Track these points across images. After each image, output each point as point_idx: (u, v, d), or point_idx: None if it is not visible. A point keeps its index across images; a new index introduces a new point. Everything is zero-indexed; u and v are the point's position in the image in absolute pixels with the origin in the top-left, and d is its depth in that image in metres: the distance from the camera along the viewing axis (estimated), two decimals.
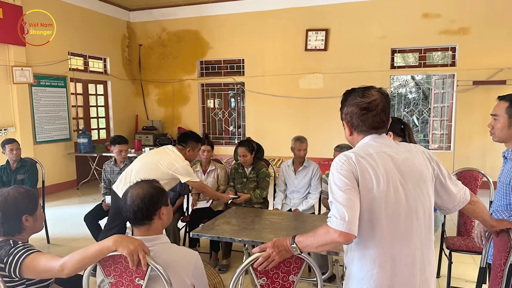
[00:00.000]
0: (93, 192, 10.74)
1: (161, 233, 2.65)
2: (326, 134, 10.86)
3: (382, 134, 2.42)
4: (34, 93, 10.06)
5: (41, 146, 10.28)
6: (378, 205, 2.21)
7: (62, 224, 8.06)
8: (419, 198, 2.30)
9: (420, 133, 14.14)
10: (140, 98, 13.67)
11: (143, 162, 5.24)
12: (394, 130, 4.17)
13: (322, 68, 11.39)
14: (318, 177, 6.04)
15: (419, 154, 2.41)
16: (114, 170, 6.51)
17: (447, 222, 5.16)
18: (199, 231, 4.43)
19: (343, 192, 2.16)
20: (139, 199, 2.55)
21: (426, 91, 15.43)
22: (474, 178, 4.92)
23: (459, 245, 4.73)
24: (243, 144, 6.12)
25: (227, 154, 11.89)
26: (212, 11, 12.36)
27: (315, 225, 3.94)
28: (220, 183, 6.41)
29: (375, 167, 2.24)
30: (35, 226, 2.88)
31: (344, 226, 2.09)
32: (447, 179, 2.46)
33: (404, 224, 2.25)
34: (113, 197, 5.34)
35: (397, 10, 10.65)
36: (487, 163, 10.00)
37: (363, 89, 2.41)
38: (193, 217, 6.12)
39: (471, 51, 10.18)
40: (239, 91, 12.90)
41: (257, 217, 5.03)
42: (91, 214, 6.25)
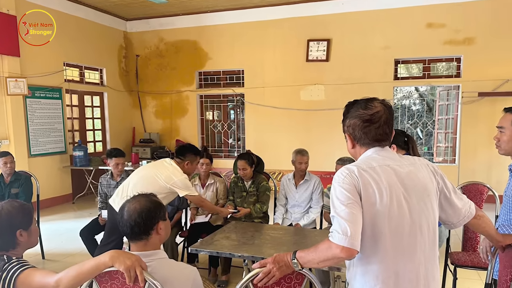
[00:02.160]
0: (89, 206, 10.72)
1: (159, 248, 2.65)
2: (328, 147, 10.86)
3: (385, 147, 2.43)
4: (29, 104, 10.05)
5: (35, 159, 10.27)
6: (381, 219, 2.22)
7: (57, 239, 8.04)
8: (423, 213, 2.30)
9: (424, 145, 14.13)
10: (137, 110, 13.69)
11: (140, 176, 5.24)
12: (398, 142, 4.18)
13: (324, 79, 11.41)
14: (319, 191, 6.04)
15: (423, 167, 2.42)
16: (111, 183, 6.51)
17: (452, 237, 5.15)
18: (198, 246, 4.43)
19: (345, 206, 2.17)
20: (136, 213, 2.55)
21: (430, 102, 15.49)
22: (479, 192, 4.92)
23: (464, 261, 4.72)
24: (243, 157, 6.11)
25: (226, 167, 11.87)
26: (211, 20, 12.40)
27: (317, 240, 3.94)
28: (219, 197, 6.41)
29: (378, 180, 2.25)
30: (30, 241, 2.87)
31: (347, 241, 2.10)
32: (451, 193, 2.46)
33: (407, 239, 2.26)
34: (110, 212, 5.33)
35: (400, 20, 10.68)
36: (492, 177, 9.99)
37: (366, 101, 2.43)
38: (192, 232, 6.10)
39: (477, 61, 10.20)
40: (239, 102, 12.92)
41: (257, 232, 5.03)
42: (87, 228, 6.23)
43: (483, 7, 10.04)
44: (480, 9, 10.09)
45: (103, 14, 12.35)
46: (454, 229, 3.10)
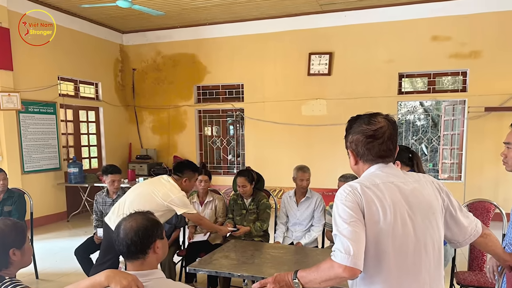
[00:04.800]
0: (84, 224, 10.68)
1: (156, 267, 2.65)
2: (330, 164, 10.83)
3: (389, 163, 2.44)
4: (22, 120, 10.05)
5: (29, 176, 10.25)
6: (385, 238, 2.22)
7: (52, 258, 8.02)
8: (428, 231, 2.31)
9: (429, 162, 14.12)
10: (133, 125, 13.70)
11: (137, 193, 5.25)
12: (402, 159, 4.18)
13: (326, 93, 11.43)
14: (321, 209, 6.03)
15: (428, 184, 2.43)
16: (107, 201, 6.50)
17: (458, 256, 5.14)
18: (196, 265, 4.43)
19: (348, 225, 2.17)
20: (133, 232, 2.55)
21: (436, 118, 15.49)
22: (486, 209, 4.92)
23: (470, 281, 4.71)
24: (243, 174, 6.12)
25: (225, 185, 11.85)
26: (209, 33, 12.44)
27: (318, 260, 3.93)
28: (218, 215, 6.41)
29: (381, 198, 2.26)
30: (23, 260, 2.87)
31: (349, 261, 2.10)
32: (457, 211, 2.47)
33: (412, 258, 2.26)
34: (105, 230, 5.33)
35: (404, 33, 10.71)
36: (499, 194, 9.98)
37: (369, 116, 2.44)
38: (190, 250, 6.10)
39: (483, 75, 10.21)
40: (238, 118, 12.95)
41: (257, 251, 5.02)
42: (82, 247, 6.23)
43: (489, 20, 10.07)
44: (486, 22, 10.11)
45: (99, 26, 12.40)
46: (460, 248, 3.09)
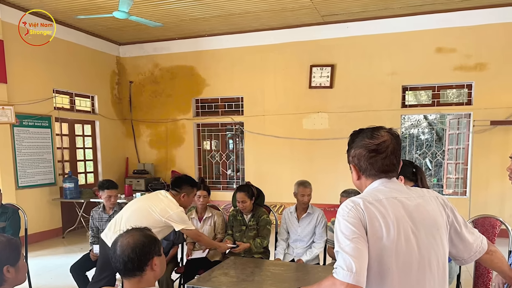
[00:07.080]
0: (80, 241, 10.67)
1: (154, 285, 2.66)
2: (331, 178, 10.83)
3: (392, 178, 2.45)
4: (16, 134, 10.03)
5: (23, 191, 10.23)
6: (388, 255, 2.22)
7: (47, 275, 8.02)
8: (433, 248, 2.31)
9: (433, 177, 14.16)
10: (130, 139, 13.70)
11: (134, 209, 5.25)
12: (406, 174, 4.20)
13: (328, 107, 11.44)
14: (323, 225, 6.03)
15: (433, 200, 2.43)
16: (103, 217, 6.51)
17: (463, 273, 5.14)
18: (195, 283, 4.43)
19: (350, 241, 2.17)
20: (130, 248, 2.56)
21: (440, 131, 15.51)
22: (491, 225, 4.93)
23: None
24: (242, 189, 6.12)
25: (224, 200, 11.86)
26: (208, 45, 12.46)
27: (320, 277, 3.92)
28: (217, 231, 6.41)
29: (384, 214, 2.26)
30: (17, 278, 2.87)
31: (351, 278, 2.10)
32: (462, 227, 2.47)
33: (416, 275, 2.26)
34: (102, 247, 5.32)
35: (408, 45, 10.72)
36: (505, 210, 9.98)
37: (372, 130, 2.45)
38: (188, 267, 6.08)
39: (489, 88, 10.20)
40: (238, 131, 12.94)
41: (257, 268, 5.02)
42: (78, 264, 6.23)
43: (495, 31, 10.07)
44: (492, 33, 10.10)
45: (95, 38, 12.42)
46: (465, 265, 3.09)
